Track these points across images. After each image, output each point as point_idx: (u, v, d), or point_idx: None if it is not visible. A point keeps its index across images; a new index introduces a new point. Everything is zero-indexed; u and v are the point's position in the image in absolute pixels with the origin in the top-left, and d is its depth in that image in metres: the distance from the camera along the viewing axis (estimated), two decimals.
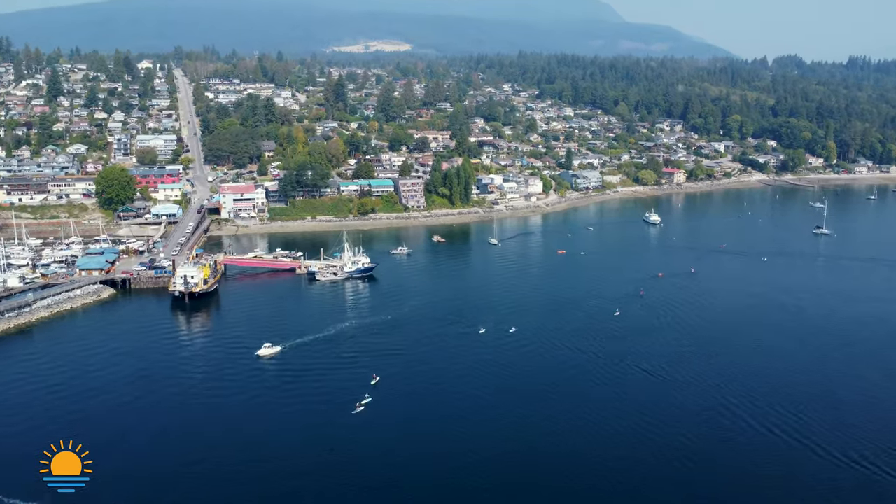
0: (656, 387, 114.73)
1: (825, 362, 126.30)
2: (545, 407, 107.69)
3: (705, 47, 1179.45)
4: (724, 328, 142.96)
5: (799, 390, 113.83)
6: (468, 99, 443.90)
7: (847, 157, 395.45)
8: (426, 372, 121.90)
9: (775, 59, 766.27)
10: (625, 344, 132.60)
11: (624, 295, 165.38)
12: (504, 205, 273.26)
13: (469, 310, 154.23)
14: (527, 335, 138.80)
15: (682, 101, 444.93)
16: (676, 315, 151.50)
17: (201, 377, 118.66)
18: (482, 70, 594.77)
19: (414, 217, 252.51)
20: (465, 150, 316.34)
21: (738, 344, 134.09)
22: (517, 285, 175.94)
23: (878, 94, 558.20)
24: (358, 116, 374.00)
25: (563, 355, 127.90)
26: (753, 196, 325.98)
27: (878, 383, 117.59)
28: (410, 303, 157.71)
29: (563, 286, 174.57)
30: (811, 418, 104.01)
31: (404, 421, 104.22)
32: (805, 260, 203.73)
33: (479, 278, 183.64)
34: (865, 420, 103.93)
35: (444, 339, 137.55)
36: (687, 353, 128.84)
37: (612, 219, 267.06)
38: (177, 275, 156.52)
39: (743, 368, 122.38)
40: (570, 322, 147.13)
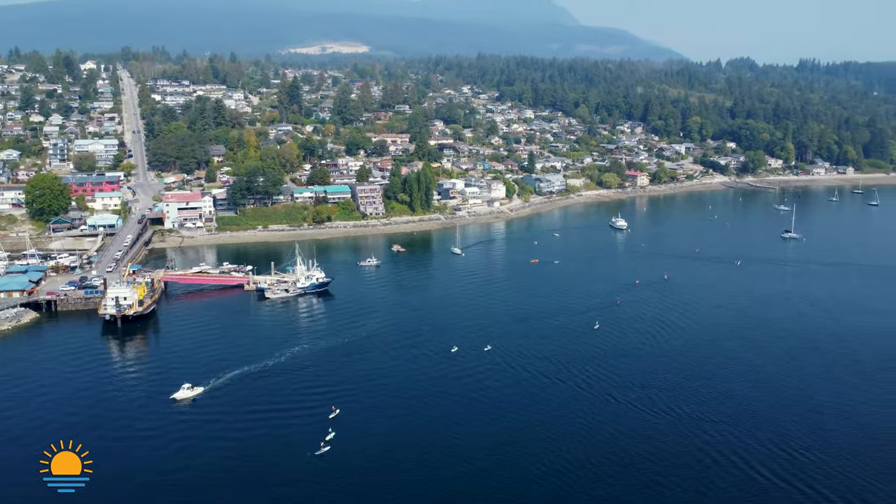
0: (655, 426, 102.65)
1: (818, 391, 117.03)
2: (537, 447, 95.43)
3: (659, 50, 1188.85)
4: (711, 347, 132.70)
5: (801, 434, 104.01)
6: (427, 101, 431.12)
7: (805, 158, 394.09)
8: (394, 400, 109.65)
9: (728, 61, 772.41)
10: (611, 368, 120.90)
11: (601, 305, 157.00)
12: (466, 211, 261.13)
13: (438, 327, 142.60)
14: (505, 355, 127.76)
15: (642, 103, 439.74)
16: (659, 330, 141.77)
17: (102, 433, 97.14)
18: (441, 72, 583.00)
19: (372, 225, 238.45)
20: (425, 153, 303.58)
21: (729, 367, 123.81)
22: (488, 298, 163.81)
23: (830, 96, 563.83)
24: (313, 119, 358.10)
25: (548, 383, 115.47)
26: (716, 198, 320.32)
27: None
28: (371, 321, 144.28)
29: (537, 298, 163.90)
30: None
31: (379, 457, 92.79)
32: (778, 267, 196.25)
33: (445, 291, 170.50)
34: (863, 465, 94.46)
35: (412, 361, 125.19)
36: (673, 381, 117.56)
37: (577, 224, 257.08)
38: (107, 296, 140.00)
39: (741, 402, 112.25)
40: (549, 338, 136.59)
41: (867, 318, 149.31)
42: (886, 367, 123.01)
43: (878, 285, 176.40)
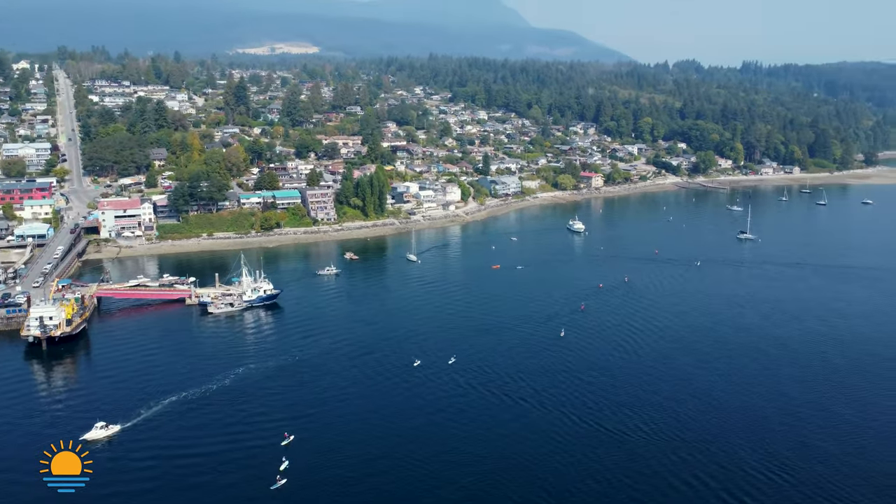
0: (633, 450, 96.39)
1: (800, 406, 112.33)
2: (519, 476, 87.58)
3: (608, 52, 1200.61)
4: (679, 355, 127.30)
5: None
6: (379, 102, 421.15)
7: (753, 158, 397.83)
8: (354, 423, 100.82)
9: (675, 63, 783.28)
10: (583, 385, 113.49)
11: (565, 311, 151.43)
12: (421, 214, 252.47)
13: (397, 340, 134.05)
14: (470, 367, 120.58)
15: (594, 104, 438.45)
16: (626, 338, 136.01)
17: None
18: (392, 73, 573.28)
19: (324, 231, 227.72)
20: (377, 156, 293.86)
21: (702, 376, 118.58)
22: (449, 307, 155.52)
23: (774, 98, 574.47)
24: (261, 121, 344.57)
25: (516, 401, 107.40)
26: (670, 199, 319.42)
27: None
28: (324, 336, 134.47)
29: (500, 305, 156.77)
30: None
31: (342, 487, 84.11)
32: (737, 268, 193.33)
33: (403, 301, 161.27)
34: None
35: (371, 378, 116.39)
36: (648, 398, 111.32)
37: (534, 227, 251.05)
38: (30, 315, 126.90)
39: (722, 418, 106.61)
40: (515, 349, 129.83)
41: (835, 322, 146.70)
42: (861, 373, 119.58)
43: (836, 286, 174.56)
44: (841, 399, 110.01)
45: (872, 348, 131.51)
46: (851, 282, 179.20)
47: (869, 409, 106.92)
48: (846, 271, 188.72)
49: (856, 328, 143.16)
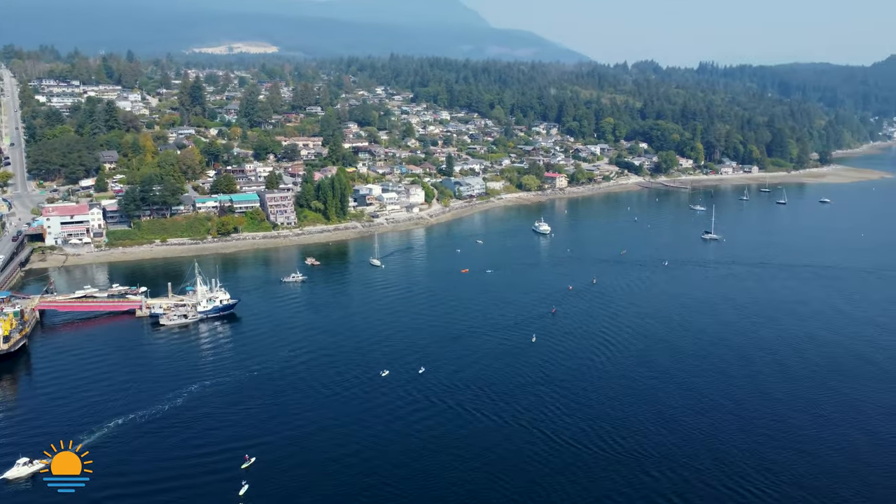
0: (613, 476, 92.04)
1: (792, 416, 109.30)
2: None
3: (568, 53, 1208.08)
4: (654, 355, 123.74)
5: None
6: (340, 102, 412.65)
7: (713, 158, 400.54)
8: (320, 442, 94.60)
9: (634, 63, 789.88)
10: (559, 398, 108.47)
11: (536, 316, 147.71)
12: (385, 217, 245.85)
13: (363, 349, 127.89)
14: (440, 376, 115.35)
15: (556, 105, 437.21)
16: (599, 344, 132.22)
17: None
18: (353, 73, 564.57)
19: (284, 236, 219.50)
20: (339, 157, 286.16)
21: (672, 380, 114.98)
22: (416, 314, 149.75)
23: (731, 98, 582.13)
24: (218, 122, 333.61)
25: (490, 417, 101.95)
26: (633, 199, 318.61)
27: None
28: (285, 348, 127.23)
29: (470, 310, 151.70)
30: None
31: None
32: (705, 269, 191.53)
33: (368, 308, 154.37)
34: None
35: (336, 390, 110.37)
36: (624, 414, 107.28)
37: (499, 229, 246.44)
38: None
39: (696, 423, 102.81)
40: (487, 356, 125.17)
41: (809, 324, 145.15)
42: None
43: (803, 286, 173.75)
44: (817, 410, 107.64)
45: (845, 353, 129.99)
46: (813, 281, 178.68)
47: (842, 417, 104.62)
48: (810, 271, 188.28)
49: (820, 331, 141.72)
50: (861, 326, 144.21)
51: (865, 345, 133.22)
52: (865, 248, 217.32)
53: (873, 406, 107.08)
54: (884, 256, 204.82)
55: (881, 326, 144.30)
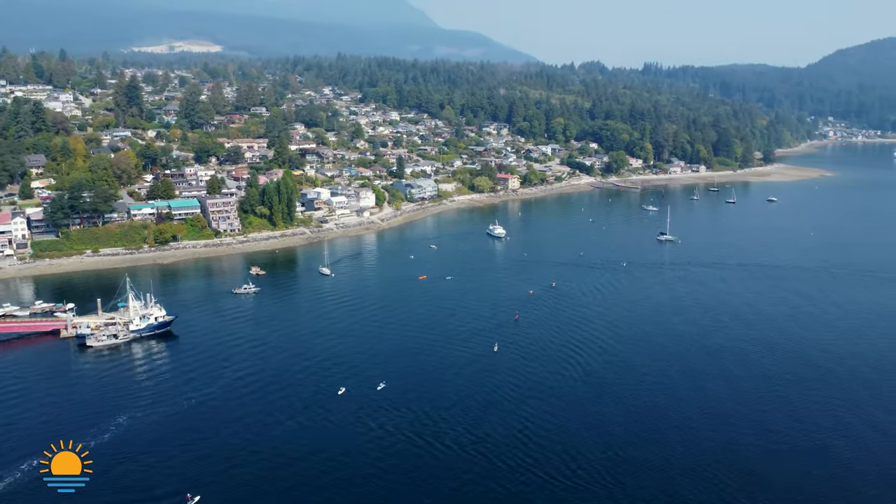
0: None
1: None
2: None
3: (516, 53, 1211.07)
4: (622, 364, 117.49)
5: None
6: (286, 103, 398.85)
7: (662, 157, 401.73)
8: (268, 476, 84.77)
9: (581, 64, 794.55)
10: (521, 411, 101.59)
11: (498, 323, 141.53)
12: (334, 222, 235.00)
13: (316, 366, 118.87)
14: (402, 392, 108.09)
15: (507, 105, 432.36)
16: (566, 351, 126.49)
17: None
18: (300, 72, 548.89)
19: (227, 243, 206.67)
20: (285, 160, 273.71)
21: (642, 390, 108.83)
22: (371, 325, 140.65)
23: (676, 98, 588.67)
24: (156, 123, 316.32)
25: (452, 448, 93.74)
26: (586, 200, 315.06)
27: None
28: (227, 370, 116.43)
29: (429, 320, 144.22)
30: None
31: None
32: (663, 270, 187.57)
33: (319, 321, 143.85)
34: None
35: (290, 413, 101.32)
36: (593, 440, 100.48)
37: (453, 232, 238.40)
38: None
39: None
40: (449, 369, 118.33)
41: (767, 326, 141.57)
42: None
43: (757, 286, 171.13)
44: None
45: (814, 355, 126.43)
46: (770, 280, 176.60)
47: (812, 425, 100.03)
48: (765, 271, 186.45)
49: (782, 333, 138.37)
50: (827, 331, 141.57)
51: (821, 352, 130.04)
52: (815, 246, 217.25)
53: (831, 421, 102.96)
54: (833, 255, 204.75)
55: (848, 331, 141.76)
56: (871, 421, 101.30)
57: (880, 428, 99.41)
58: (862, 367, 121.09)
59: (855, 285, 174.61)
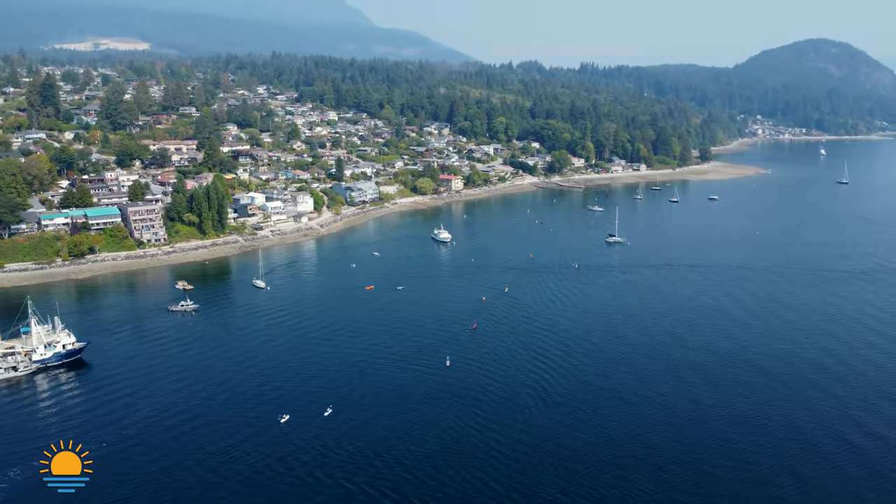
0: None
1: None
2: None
3: (454, 53, 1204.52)
4: (583, 378, 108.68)
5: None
6: (217, 102, 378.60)
7: (603, 156, 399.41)
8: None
9: (519, 63, 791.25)
10: (472, 447, 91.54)
11: (452, 335, 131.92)
12: (270, 229, 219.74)
13: (251, 392, 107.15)
14: (351, 419, 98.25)
15: (447, 104, 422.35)
16: (521, 359, 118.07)
17: None
18: (232, 71, 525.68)
19: (152, 255, 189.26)
20: (216, 163, 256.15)
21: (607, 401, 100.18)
22: (316, 343, 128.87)
23: (613, 97, 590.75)
24: (75, 124, 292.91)
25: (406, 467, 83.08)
26: (531, 200, 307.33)
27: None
28: (146, 401, 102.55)
29: (378, 335, 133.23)
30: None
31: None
32: (616, 273, 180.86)
33: (254, 341, 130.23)
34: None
35: (224, 447, 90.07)
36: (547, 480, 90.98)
37: (397, 237, 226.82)
38: None
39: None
40: (400, 388, 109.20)
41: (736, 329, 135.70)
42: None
43: (713, 289, 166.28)
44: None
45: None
46: (722, 282, 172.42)
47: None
48: (716, 272, 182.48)
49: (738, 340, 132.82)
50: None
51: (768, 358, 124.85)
52: (763, 246, 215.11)
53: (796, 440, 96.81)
54: (779, 254, 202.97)
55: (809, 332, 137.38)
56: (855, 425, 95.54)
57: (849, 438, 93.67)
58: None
59: (803, 285, 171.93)
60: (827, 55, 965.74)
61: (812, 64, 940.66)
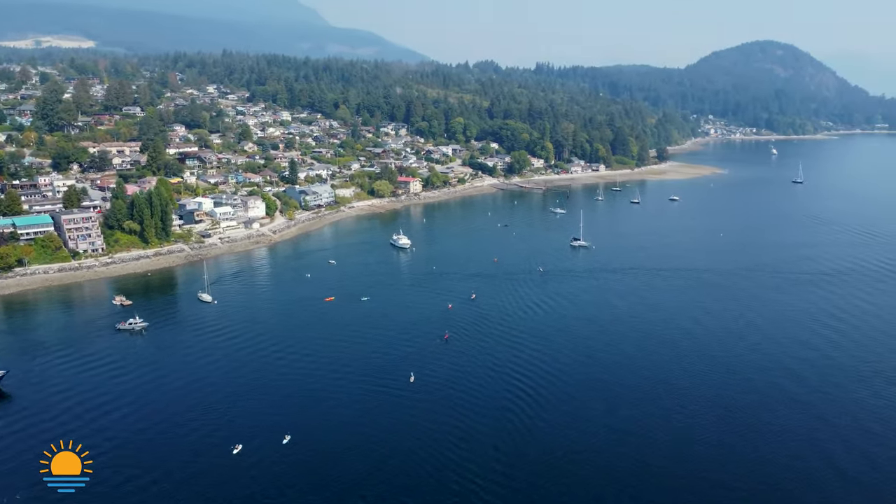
0: None
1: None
2: None
3: (409, 52, 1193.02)
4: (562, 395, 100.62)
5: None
6: (165, 102, 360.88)
7: (562, 157, 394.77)
8: None
9: (475, 63, 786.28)
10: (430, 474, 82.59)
11: (420, 349, 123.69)
12: (218, 237, 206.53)
13: (199, 421, 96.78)
14: (312, 446, 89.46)
15: (404, 104, 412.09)
16: (492, 373, 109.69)
17: None
18: (181, 70, 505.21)
19: (88, 266, 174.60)
20: (160, 165, 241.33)
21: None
22: (270, 362, 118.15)
23: (570, 97, 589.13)
24: (7, 125, 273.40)
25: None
26: (491, 203, 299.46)
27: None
28: (79, 434, 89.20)
29: (340, 349, 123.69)
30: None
31: None
32: (583, 278, 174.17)
33: (200, 362, 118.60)
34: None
35: (169, 489, 78.52)
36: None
37: (354, 243, 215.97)
38: None
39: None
40: (357, 414, 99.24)
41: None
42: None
43: (680, 294, 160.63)
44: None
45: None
46: (690, 286, 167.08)
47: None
48: (681, 275, 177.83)
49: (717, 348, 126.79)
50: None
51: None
52: (727, 248, 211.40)
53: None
54: (743, 256, 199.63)
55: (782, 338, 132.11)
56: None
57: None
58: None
59: (771, 288, 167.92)
60: (773, 56, 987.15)
61: (759, 65, 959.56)
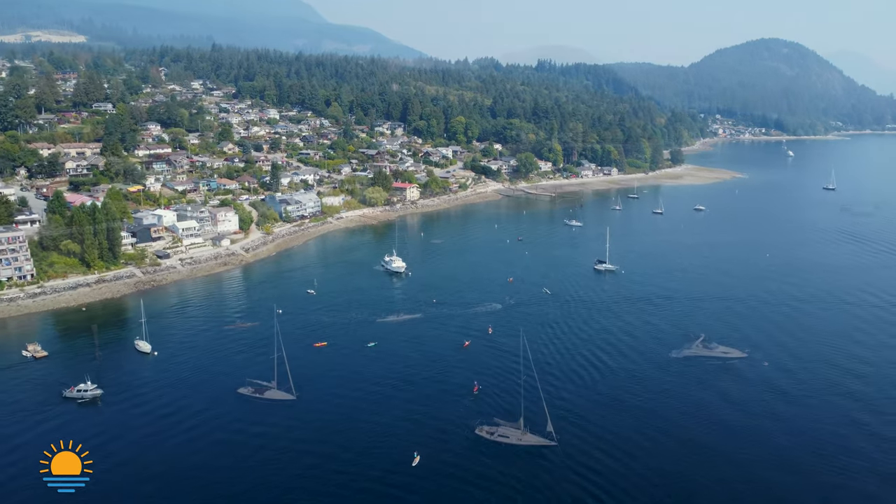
0: None
1: None
2: None
3: (407, 49, 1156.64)
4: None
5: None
6: (142, 98, 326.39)
7: (571, 159, 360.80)
8: None
9: (475, 60, 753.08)
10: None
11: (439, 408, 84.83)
12: (179, 257, 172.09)
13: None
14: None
15: (401, 102, 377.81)
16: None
17: None
18: (167, 64, 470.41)
19: (10, 298, 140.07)
20: (119, 171, 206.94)
21: None
22: (231, 449, 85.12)
23: (574, 95, 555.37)
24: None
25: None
26: (494, 212, 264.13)
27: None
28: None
29: (328, 423, 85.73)
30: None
31: None
32: (608, 310, 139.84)
33: (133, 449, 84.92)
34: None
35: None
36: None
37: (342, 263, 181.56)
38: None
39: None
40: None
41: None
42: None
43: (730, 329, 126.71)
44: None
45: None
46: (751, 324, 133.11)
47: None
48: (727, 305, 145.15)
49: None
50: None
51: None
52: (778, 271, 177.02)
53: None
54: (800, 281, 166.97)
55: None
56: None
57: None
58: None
59: (849, 328, 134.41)
60: (779, 55, 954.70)
61: (765, 63, 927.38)
